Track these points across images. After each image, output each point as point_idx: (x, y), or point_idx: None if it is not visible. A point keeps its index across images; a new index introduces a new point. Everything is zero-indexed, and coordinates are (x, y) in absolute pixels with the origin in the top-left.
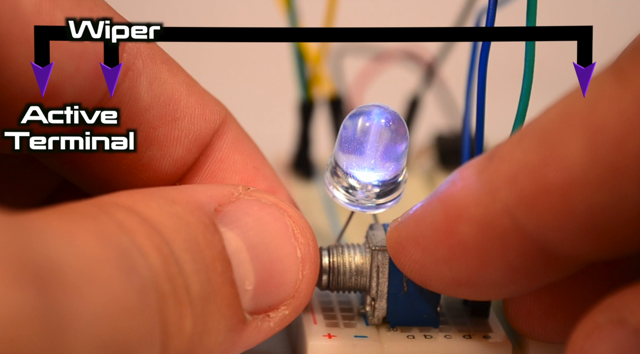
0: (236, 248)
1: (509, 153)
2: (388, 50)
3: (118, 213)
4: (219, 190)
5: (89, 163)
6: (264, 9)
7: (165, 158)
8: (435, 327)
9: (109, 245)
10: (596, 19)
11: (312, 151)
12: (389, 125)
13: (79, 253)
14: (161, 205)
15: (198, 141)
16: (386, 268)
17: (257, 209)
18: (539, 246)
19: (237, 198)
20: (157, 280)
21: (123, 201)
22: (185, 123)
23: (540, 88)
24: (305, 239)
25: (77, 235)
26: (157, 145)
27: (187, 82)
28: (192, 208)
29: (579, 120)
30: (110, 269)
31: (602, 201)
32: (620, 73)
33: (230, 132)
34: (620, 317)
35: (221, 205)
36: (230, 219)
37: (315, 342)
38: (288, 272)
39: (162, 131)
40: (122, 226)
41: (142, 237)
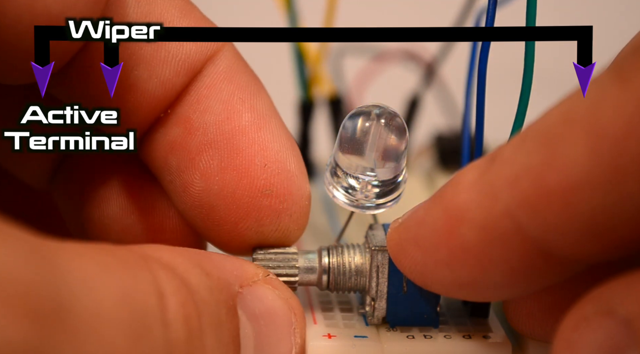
0: (246, 334)
1: (510, 156)
2: (388, 50)
3: (160, 272)
4: (242, 270)
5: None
6: (264, 9)
7: (152, 79)
8: (435, 327)
9: (131, 303)
10: (596, 19)
11: (312, 151)
12: (388, 125)
13: (93, 301)
14: (199, 275)
15: (187, 65)
16: (386, 268)
17: (270, 299)
18: (540, 248)
19: (255, 283)
20: (172, 352)
21: (166, 260)
22: (173, 45)
23: (540, 88)
24: (302, 340)
25: (100, 285)
26: (143, 65)
27: (181, 6)
28: (222, 286)
29: (580, 122)
30: (119, 327)
31: (604, 203)
32: (621, 74)
33: (225, 60)
34: (608, 308)
35: (242, 286)
36: (247, 303)
37: (315, 342)
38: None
39: (148, 50)
40: (157, 287)
41: (176, 304)
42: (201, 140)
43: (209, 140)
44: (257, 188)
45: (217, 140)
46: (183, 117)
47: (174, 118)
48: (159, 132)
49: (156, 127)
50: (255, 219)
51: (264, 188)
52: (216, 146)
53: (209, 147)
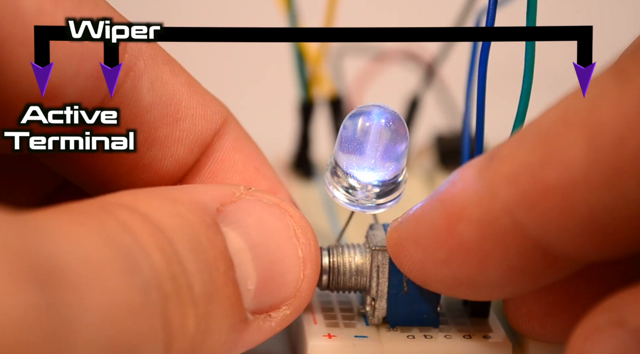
0: (238, 248)
1: (509, 154)
2: (388, 50)
3: (121, 213)
4: (220, 189)
5: (90, 163)
6: (264, 9)
7: (166, 158)
8: (435, 327)
9: (113, 245)
10: (596, 19)
11: (312, 151)
12: (389, 125)
13: (83, 254)
14: (164, 205)
15: (199, 141)
16: (386, 268)
17: (258, 209)
18: (539, 247)
19: (238, 198)
20: (159, 279)
21: (126, 201)
22: (187, 124)
23: (540, 88)
24: (307, 239)
25: (82, 235)
26: (158, 146)
27: (188, 83)
28: (194, 208)
29: (580, 120)
30: (113, 269)
31: (602, 201)
32: (621, 74)
33: (232, 132)
34: (620, 318)
35: (223, 204)
36: (232, 219)
37: (315, 342)
38: (289, 272)
39: (164, 131)
40: (125, 226)
41: (145, 237)
42: None
43: None
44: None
45: None
46: None
47: None
48: None
49: None
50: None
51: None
52: None
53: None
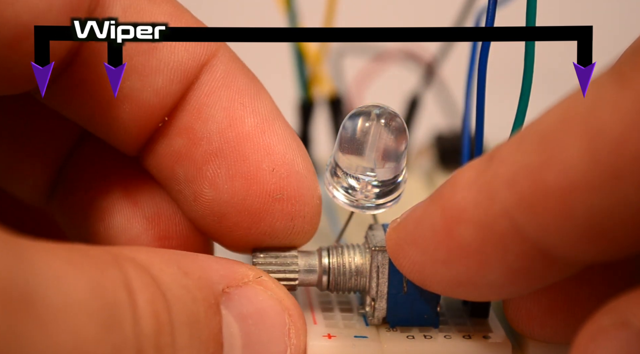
0: (232, 334)
1: (508, 155)
2: (388, 50)
3: (130, 269)
4: (231, 270)
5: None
6: (264, 9)
7: (145, 88)
8: (435, 327)
9: (101, 297)
10: (596, 19)
11: (312, 151)
12: (388, 125)
13: (62, 293)
14: (175, 273)
15: (180, 71)
16: (386, 268)
17: (261, 300)
18: (538, 249)
19: (245, 284)
20: (141, 345)
21: (141, 259)
22: (164, 53)
23: (540, 88)
24: (298, 341)
25: (71, 276)
26: (135, 75)
27: (171, 12)
28: (202, 285)
29: (579, 122)
30: (91, 317)
31: (601, 204)
32: (621, 76)
33: (221, 65)
34: (624, 319)
35: (229, 286)
36: (234, 303)
37: (315, 342)
38: None
39: (139, 60)
40: (127, 283)
41: (144, 300)
42: (206, 149)
43: (215, 149)
44: (267, 193)
45: (222, 149)
46: (186, 127)
47: (176, 128)
48: (163, 143)
49: (158, 137)
50: (268, 224)
51: (274, 192)
52: (222, 154)
53: (215, 156)
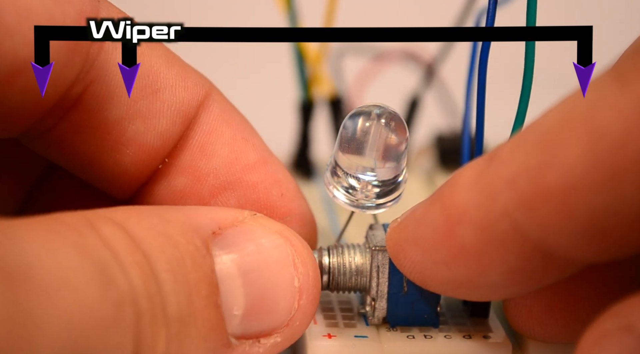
0: (228, 273)
1: (509, 156)
2: (388, 50)
3: (105, 228)
4: (222, 213)
5: (74, 141)
6: (264, 9)
7: (149, 131)
8: (435, 327)
9: (88, 257)
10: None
11: (312, 151)
12: (389, 125)
13: (55, 260)
14: (153, 224)
15: (182, 113)
16: (386, 268)
17: (258, 235)
18: (538, 249)
19: (240, 222)
20: (135, 296)
21: (115, 216)
22: (167, 95)
23: (540, 88)
24: (306, 269)
25: (56, 245)
26: (140, 119)
27: (166, 55)
28: (185, 229)
29: (580, 123)
30: (86, 278)
31: (602, 204)
32: (621, 76)
33: (217, 103)
34: (627, 324)
35: (222, 228)
36: (228, 243)
37: (315, 342)
38: (282, 300)
39: (144, 103)
40: (105, 240)
41: (124, 253)
42: (213, 184)
43: (222, 183)
44: (278, 217)
45: (231, 181)
46: (189, 166)
47: (177, 168)
48: (162, 183)
49: (157, 178)
50: None
51: (284, 215)
52: (231, 187)
53: (223, 189)
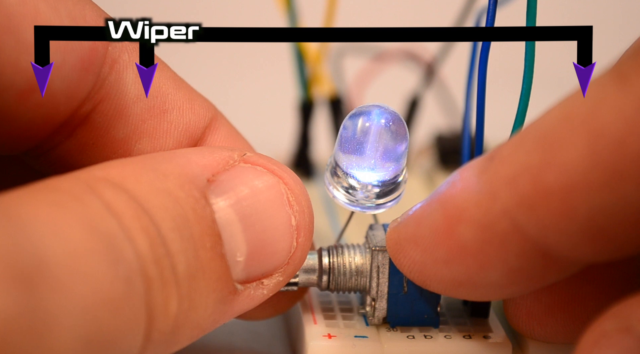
0: (228, 220)
1: (509, 155)
2: (388, 50)
3: (106, 192)
4: (213, 157)
5: (79, 159)
6: (264, 9)
7: (155, 151)
8: (435, 327)
9: (96, 231)
10: (596, 19)
11: (312, 151)
12: (388, 125)
13: (65, 245)
14: (152, 180)
15: (188, 134)
16: (386, 268)
17: (251, 177)
18: (538, 248)
19: (232, 166)
20: (143, 265)
21: (113, 176)
22: (174, 116)
23: (540, 88)
24: (300, 206)
25: (64, 224)
26: (147, 138)
27: (173, 78)
28: (182, 182)
29: (580, 122)
30: (96, 260)
31: (602, 204)
32: (621, 76)
33: (222, 128)
34: (627, 324)
35: (215, 174)
36: (223, 189)
37: (315, 342)
38: (281, 241)
39: (151, 123)
40: (109, 207)
41: (130, 219)
42: None
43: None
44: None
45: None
46: None
47: None
48: None
49: None
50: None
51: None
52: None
53: None
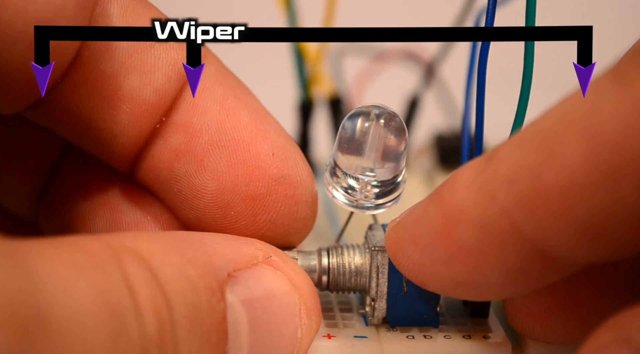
0: (238, 319)
1: (508, 155)
2: (388, 50)
3: (130, 265)
4: (239, 253)
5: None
6: (264, 9)
7: (145, 86)
8: (435, 327)
9: (107, 304)
10: (596, 19)
11: (311, 151)
12: (388, 126)
13: (71, 306)
14: (176, 264)
15: (176, 69)
16: (386, 268)
17: (269, 281)
18: (537, 249)
19: (254, 265)
20: (146, 346)
21: (141, 250)
22: (161, 51)
23: (540, 88)
24: (310, 321)
25: (77, 287)
26: (135, 73)
27: (158, 13)
28: (205, 272)
29: (579, 123)
30: (100, 330)
31: (600, 204)
32: (620, 78)
33: (211, 64)
34: (626, 336)
35: (236, 270)
36: (241, 287)
37: (315, 342)
38: (283, 350)
39: (138, 57)
40: (128, 283)
41: (145, 298)
42: (205, 141)
43: (214, 140)
44: (269, 176)
45: (221, 139)
46: (183, 123)
47: (172, 126)
48: (160, 143)
49: (155, 139)
50: (272, 209)
51: (276, 176)
52: (222, 144)
53: (214, 147)
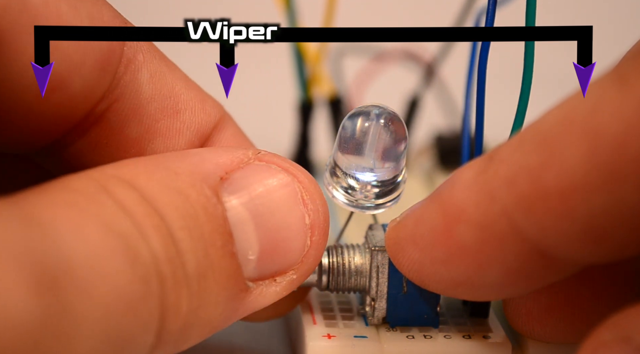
0: (240, 219)
1: (508, 156)
2: (388, 50)
3: (118, 191)
4: (228, 156)
5: (91, 158)
6: (264, 9)
7: (168, 150)
8: (435, 327)
9: (114, 233)
10: (596, 19)
11: (311, 151)
12: (388, 126)
13: (87, 246)
14: (163, 178)
15: (199, 133)
16: (386, 268)
17: (265, 175)
18: (536, 249)
19: (246, 164)
20: (158, 264)
21: (124, 174)
22: (187, 116)
23: (540, 88)
24: (315, 205)
25: (82, 225)
26: (160, 138)
27: (184, 78)
28: (194, 180)
29: (579, 124)
30: (116, 260)
31: (601, 205)
32: (621, 78)
33: (229, 127)
34: (626, 335)
35: (228, 172)
36: (237, 187)
37: (315, 342)
38: (295, 239)
39: (165, 123)
40: (122, 207)
41: (142, 218)
42: None
43: None
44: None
45: None
46: None
47: None
48: None
49: None
50: None
51: None
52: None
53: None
